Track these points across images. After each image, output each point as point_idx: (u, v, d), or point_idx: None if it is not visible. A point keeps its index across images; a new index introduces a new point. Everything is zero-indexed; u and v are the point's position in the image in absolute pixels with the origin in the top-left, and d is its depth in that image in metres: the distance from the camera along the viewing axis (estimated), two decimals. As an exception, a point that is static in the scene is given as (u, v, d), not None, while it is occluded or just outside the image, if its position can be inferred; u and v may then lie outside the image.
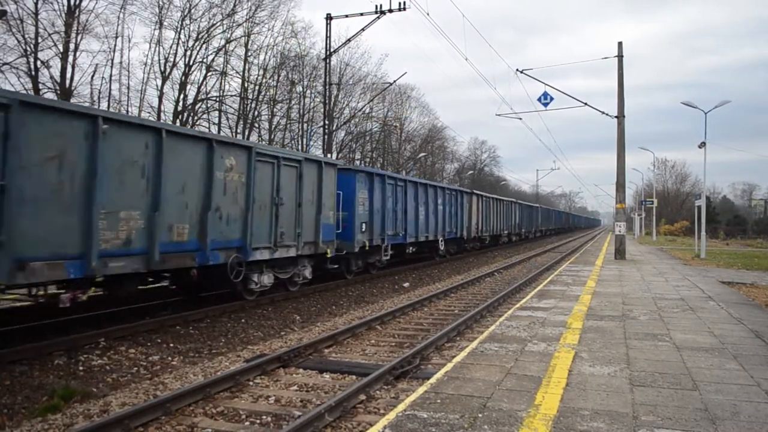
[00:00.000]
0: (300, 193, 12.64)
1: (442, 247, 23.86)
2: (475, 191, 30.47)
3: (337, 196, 14.79)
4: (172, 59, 31.88)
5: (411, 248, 20.65)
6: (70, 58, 26.74)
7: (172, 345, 8.66)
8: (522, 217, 43.67)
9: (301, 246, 12.64)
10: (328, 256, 13.95)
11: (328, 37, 29.14)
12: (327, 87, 30.99)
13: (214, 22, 32.84)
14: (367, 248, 16.48)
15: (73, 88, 27.07)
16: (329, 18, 29.06)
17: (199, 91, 33.25)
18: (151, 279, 10.21)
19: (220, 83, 34.98)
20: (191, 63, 32.44)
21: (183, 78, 32.24)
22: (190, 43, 32.06)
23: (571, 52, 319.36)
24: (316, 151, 37.25)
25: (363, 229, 16.32)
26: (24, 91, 24.74)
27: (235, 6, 33.52)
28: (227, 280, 10.59)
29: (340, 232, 14.99)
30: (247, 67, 35.73)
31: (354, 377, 6.95)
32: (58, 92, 26.08)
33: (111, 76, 29.17)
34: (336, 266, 15.24)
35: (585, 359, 6.18)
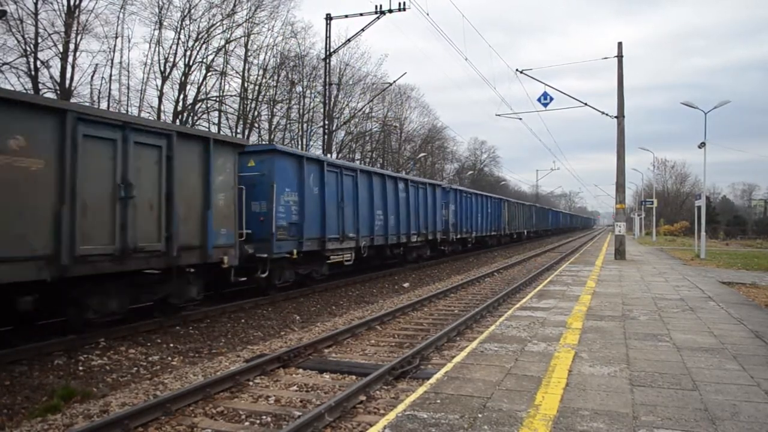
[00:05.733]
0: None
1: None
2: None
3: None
4: (172, 59, 31.92)
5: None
6: (70, 58, 26.77)
7: (172, 345, 8.67)
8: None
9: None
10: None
11: (327, 37, 29.19)
12: (327, 87, 31.01)
13: (214, 23, 32.88)
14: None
15: (73, 88, 27.10)
16: (329, 18, 29.08)
17: (198, 91, 33.27)
18: None
19: (220, 83, 35.02)
20: (191, 63, 32.47)
21: (183, 78, 32.25)
22: (190, 44, 32.09)
23: (562, 54, 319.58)
24: (317, 151, 37.16)
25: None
26: (23, 92, 24.77)
27: (235, 6, 33.57)
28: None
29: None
30: (246, 67, 35.78)
31: (354, 377, 6.96)
32: (58, 92, 26.07)
33: (111, 76, 29.22)
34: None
35: (585, 359, 6.18)
